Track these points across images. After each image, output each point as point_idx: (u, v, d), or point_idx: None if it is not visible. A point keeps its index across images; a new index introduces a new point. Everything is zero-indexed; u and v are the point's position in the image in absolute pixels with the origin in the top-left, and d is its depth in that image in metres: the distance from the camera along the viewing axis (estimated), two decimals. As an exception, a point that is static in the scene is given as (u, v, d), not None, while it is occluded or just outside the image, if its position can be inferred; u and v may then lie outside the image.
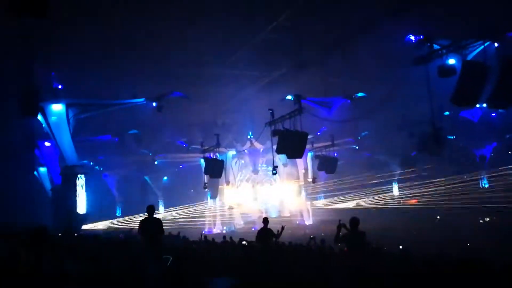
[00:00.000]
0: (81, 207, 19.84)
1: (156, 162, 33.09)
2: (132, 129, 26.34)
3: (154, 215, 8.93)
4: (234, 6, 13.81)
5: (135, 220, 24.69)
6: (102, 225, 27.82)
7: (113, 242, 13.44)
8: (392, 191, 38.53)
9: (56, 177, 21.74)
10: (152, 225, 8.69)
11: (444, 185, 31.57)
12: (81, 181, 20.11)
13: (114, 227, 27.36)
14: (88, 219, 21.50)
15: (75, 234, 17.77)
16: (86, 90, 19.33)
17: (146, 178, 37.30)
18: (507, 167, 29.52)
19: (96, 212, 26.38)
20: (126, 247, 11.24)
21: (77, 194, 19.66)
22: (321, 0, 13.63)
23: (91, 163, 29.66)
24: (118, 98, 20.13)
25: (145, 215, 8.80)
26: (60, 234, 16.30)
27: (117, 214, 35.77)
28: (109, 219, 30.57)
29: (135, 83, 19.15)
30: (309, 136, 18.19)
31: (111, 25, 14.50)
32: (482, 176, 34.09)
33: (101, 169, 33.22)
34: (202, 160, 26.34)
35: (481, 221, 25.92)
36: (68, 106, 19.05)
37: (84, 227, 21.36)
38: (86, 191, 20.31)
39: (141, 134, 26.96)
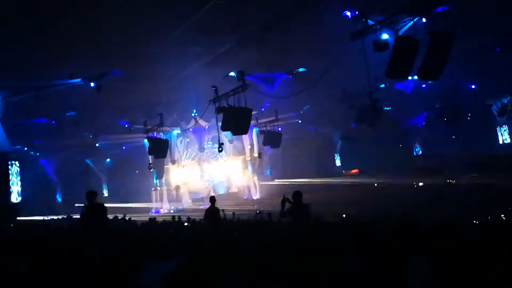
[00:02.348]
0: (15, 196, 18.87)
1: (97, 144, 32.03)
2: (70, 111, 25.16)
3: (97, 201, 8.71)
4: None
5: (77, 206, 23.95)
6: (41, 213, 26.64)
7: (52, 231, 12.96)
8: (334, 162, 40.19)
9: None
10: (94, 212, 8.48)
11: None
12: (14, 168, 19.07)
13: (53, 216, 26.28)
14: (23, 208, 20.50)
15: (11, 225, 17.00)
16: (18, 71, 18.09)
17: (88, 161, 36.07)
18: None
19: (33, 200, 25.28)
20: (65, 235, 10.89)
21: (10, 182, 18.63)
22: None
23: (26, 149, 28.17)
24: (53, 79, 19.05)
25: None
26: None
27: (57, 201, 34.48)
28: (48, 206, 29.40)
29: (71, 64, 18.17)
30: (254, 112, 18.43)
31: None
32: (416, 145, 36.42)
33: (38, 154, 31.63)
34: (145, 140, 25.82)
35: (415, 185, 27.70)
36: (-4, 89, 17.86)
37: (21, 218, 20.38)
38: (21, 179, 19.32)
39: (80, 116, 25.84)
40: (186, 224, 13.95)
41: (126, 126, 28.91)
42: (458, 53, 12.85)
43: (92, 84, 19.35)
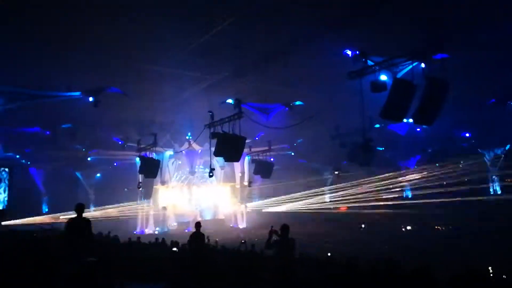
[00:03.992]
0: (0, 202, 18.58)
1: (89, 158, 31.82)
2: (65, 122, 25.08)
3: (84, 215, 8.57)
4: (178, 5, 13.71)
5: (61, 219, 23.59)
6: (25, 221, 26.20)
7: (30, 239, 12.72)
8: (324, 198, 40.06)
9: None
10: (79, 226, 8.34)
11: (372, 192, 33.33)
12: (3, 174, 18.83)
13: (38, 224, 25.82)
14: (7, 214, 20.15)
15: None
16: (16, 79, 18.12)
17: (78, 174, 35.72)
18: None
19: (19, 207, 24.88)
20: (42, 244, 10.67)
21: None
22: (264, 10, 13.90)
23: (17, 156, 27.91)
24: (52, 89, 19.06)
25: (73, 213, 8.46)
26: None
27: (43, 211, 33.92)
28: (34, 216, 28.91)
29: (72, 76, 18.24)
30: (247, 140, 18.46)
31: (48, 10, 13.77)
32: (406, 188, 36.45)
33: (28, 163, 31.33)
34: (137, 159, 25.68)
35: (403, 229, 27.56)
36: (-7, 95, 17.79)
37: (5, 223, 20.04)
38: (9, 185, 19.04)
39: (75, 129, 25.76)
40: (174, 249, 13.65)
41: (120, 143, 28.80)
42: (454, 101, 13.07)
43: (90, 99, 19.37)
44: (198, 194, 34.93)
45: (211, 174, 18.21)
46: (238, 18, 14.40)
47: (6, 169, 18.97)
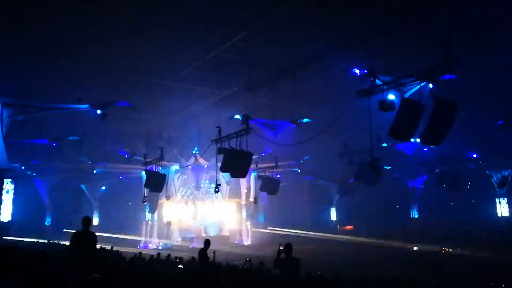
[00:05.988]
0: (5, 214, 18.45)
1: (95, 171, 31.85)
2: (72, 135, 25.21)
3: (89, 229, 8.49)
4: (189, 21, 13.87)
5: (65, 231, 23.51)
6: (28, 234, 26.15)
7: (35, 254, 12.63)
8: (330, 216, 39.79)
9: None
10: (84, 239, 8.26)
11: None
12: (8, 186, 18.74)
13: (41, 238, 25.74)
14: (11, 227, 20.04)
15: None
16: (26, 90, 18.30)
17: (83, 186, 35.77)
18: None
19: (22, 220, 24.84)
20: (48, 260, 10.58)
21: (1, 199, 18.21)
22: (275, 27, 14.03)
23: (23, 167, 28.01)
24: (60, 102, 19.20)
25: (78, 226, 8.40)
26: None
27: (46, 224, 33.89)
28: (37, 228, 28.92)
29: (81, 88, 18.41)
30: (254, 156, 18.42)
31: (58, 24, 13.97)
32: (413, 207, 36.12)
33: (34, 174, 31.42)
34: (143, 173, 25.68)
35: (410, 249, 27.19)
36: (3, 106, 17.86)
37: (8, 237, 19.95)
38: (14, 197, 18.98)
39: (82, 141, 25.86)
40: (180, 266, 13.47)
41: (126, 156, 28.87)
42: (461, 122, 12.99)
43: (98, 111, 19.42)
44: (203, 210, 34.74)
45: (217, 189, 18.11)
46: (248, 34, 14.55)
47: (12, 181, 18.82)
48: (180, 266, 12.67)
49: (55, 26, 13.92)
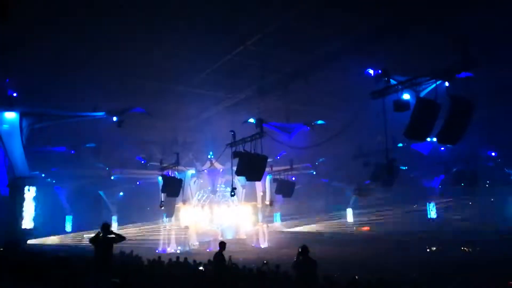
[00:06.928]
0: (28, 221, 18.86)
1: (112, 177, 32.27)
2: (90, 142, 25.66)
3: (108, 235, 8.68)
4: (203, 27, 14.03)
5: (86, 237, 23.84)
6: (51, 240, 26.63)
7: (57, 259, 12.86)
8: (346, 217, 39.52)
9: (3, 189, 20.62)
10: (104, 244, 8.45)
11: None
12: (30, 193, 19.15)
13: (63, 243, 26.21)
14: (34, 233, 20.47)
15: (18, 249, 16.95)
16: (45, 100, 18.73)
17: (101, 192, 36.25)
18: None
19: (44, 226, 25.28)
20: (70, 265, 10.79)
21: (23, 207, 18.67)
22: (289, 30, 14.09)
23: (43, 175, 28.56)
24: (77, 110, 19.60)
25: (97, 231, 8.59)
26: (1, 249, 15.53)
27: (66, 229, 34.44)
28: (57, 234, 29.38)
29: (96, 96, 18.74)
30: (269, 160, 18.47)
31: (74, 35, 14.29)
32: (431, 206, 35.62)
33: (54, 181, 32.01)
34: (160, 178, 25.92)
35: (427, 250, 26.82)
36: (22, 115, 18.26)
37: (31, 241, 20.37)
38: (35, 204, 19.38)
39: (99, 148, 26.29)
40: (200, 268, 13.54)
41: (143, 162, 29.20)
42: (479, 120, 12.81)
43: (114, 119, 19.70)
44: (219, 213, 34.85)
45: (232, 193, 18.22)
46: (261, 38, 14.64)
47: (34, 188, 19.25)
48: (200, 268, 12.77)
49: (71, 35, 14.25)
